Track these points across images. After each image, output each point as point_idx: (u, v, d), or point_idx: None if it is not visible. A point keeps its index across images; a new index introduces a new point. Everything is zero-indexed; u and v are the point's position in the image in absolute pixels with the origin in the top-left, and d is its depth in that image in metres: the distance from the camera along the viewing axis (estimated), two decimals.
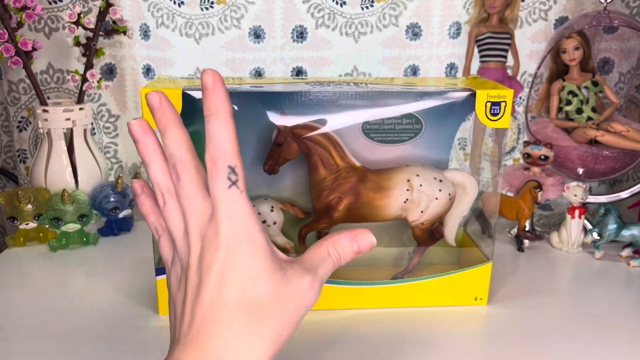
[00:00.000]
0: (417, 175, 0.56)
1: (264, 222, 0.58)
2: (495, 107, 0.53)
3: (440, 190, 0.56)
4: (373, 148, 0.58)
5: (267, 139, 0.56)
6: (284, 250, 0.60)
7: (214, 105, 0.31)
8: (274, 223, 0.58)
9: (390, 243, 0.62)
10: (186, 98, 0.49)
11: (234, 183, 0.31)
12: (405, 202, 0.56)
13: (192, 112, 0.52)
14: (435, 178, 0.57)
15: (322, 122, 0.55)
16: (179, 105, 0.49)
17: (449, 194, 0.57)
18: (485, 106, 0.52)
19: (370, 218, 0.57)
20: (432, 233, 0.60)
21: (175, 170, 0.32)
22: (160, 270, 0.54)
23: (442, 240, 0.60)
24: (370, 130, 0.57)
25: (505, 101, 0.52)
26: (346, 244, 0.35)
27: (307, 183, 0.58)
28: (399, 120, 0.57)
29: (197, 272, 0.31)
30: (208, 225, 0.31)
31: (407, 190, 0.56)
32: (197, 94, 0.50)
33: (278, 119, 0.54)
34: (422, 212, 0.57)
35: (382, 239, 0.62)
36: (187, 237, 0.32)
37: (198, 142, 0.56)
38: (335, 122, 0.55)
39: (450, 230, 0.60)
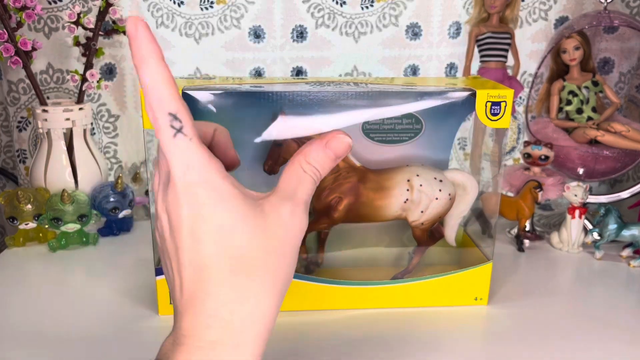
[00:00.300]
0: (417, 175, 0.56)
1: None
2: (496, 107, 0.52)
3: (440, 190, 0.56)
4: (373, 148, 0.58)
5: (267, 139, 0.55)
6: None
7: (140, 53, 0.27)
8: None
9: (390, 243, 0.62)
10: (186, 98, 0.49)
11: (179, 130, 0.27)
12: (405, 202, 0.56)
13: (192, 112, 0.52)
14: (435, 178, 0.57)
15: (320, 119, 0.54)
16: None
17: (449, 194, 0.57)
18: (486, 106, 0.52)
19: (371, 218, 0.57)
20: (432, 233, 0.60)
21: (152, 115, 0.28)
22: (160, 270, 0.54)
23: (442, 240, 0.60)
24: (371, 130, 0.57)
25: (505, 101, 0.52)
26: (319, 154, 0.31)
27: None
28: (399, 120, 0.57)
29: (172, 239, 0.29)
30: (168, 183, 0.28)
31: (407, 190, 0.56)
32: (197, 94, 0.50)
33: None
34: (422, 212, 0.57)
35: (382, 239, 0.62)
36: (156, 203, 0.30)
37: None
38: (335, 122, 0.55)
39: (451, 230, 0.60)
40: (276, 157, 0.55)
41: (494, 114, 0.53)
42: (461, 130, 0.59)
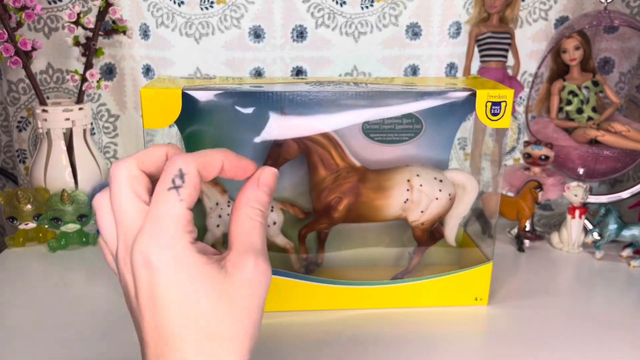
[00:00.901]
0: (418, 176, 0.56)
1: None
2: (496, 107, 0.52)
3: (440, 191, 0.56)
4: (373, 148, 0.58)
5: (267, 139, 0.55)
6: (283, 250, 0.60)
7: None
8: (274, 223, 0.58)
9: (391, 243, 0.62)
10: (186, 98, 0.49)
11: (176, 187, 0.27)
12: (405, 202, 0.56)
13: (192, 112, 0.52)
14: (435, 178, 0.56)
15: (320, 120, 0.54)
16: (178, 106, 0.49)
17: (449, 194, 0.57)
18: (486, 106, 0.52)
19: (371, 218, 0.57)
20: (432, 233, 0.60)
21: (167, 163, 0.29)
22: None
23: (442, 240, 0.60)
24: (370, 130, 0.57)
25: (505, 101, 0.52)
26: (257, 194, 0.31)
27: (307, 183, 0.58)
28: (399, 120, 0.57)
29: (136, 299, 0.28)
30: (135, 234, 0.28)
31: (407, 190, 0.56)
32: (196, 94, 0.50)
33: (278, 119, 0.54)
34: (422, 212, 0.57)
35: (382, 239, 0.62)
36: (118, 253, 0.29)
37: (198, 141, 0.57)
38: (335, 122, 0.55)
39: (451, 231, 0.60)
40: (276, 157, 0.55)
41: (494, 114, 0.53)
42: (461, 130, 0.59)
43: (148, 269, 0.27)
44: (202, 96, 0.51)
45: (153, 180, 0.30)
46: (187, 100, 0.50)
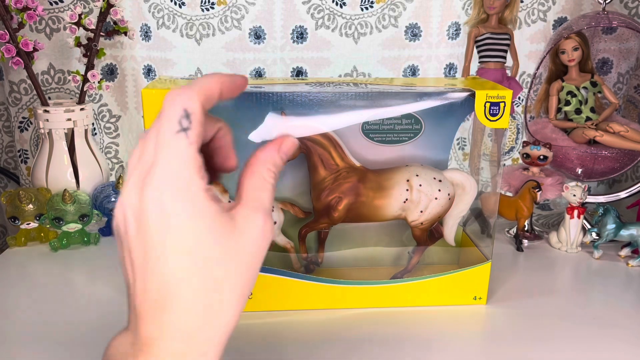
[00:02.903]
0: (417, 175, 0.56)
1: None
2: (495, 108, 0.53)
3: (439, 190, 0.57)
4: (373, 148, 0.58)
5: (267, 139, 0.56)
6: (284, 249, 0.60)
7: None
8: (274, 223, 0.59)
9: (390, 243, 0.63)
10: None
11: (184, 130, 0.26)
12: (404, 202, 0.57)
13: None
14: (434, 178, 0.57)
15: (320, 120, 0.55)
16: None
17: (449, 194, 0.57)
18: (485, 106, 0.53)
19: (370, 218, 0.58)
20: (431, 233, 0.60)
21: (170, 97, 0.28)
22: None
23: (441, 240, 0.61)
24: (370, 130, 0.57)
25: (504, 101, 0.52)
26: (276, 159, 0.32)
27: (307, 183, 0.58)
28: (399, 120, 0.57)
29: (138, 239, 0.27)
30: (146, 176, 0.26)
31: (407, 190, 0.56)
32: None
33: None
34: (421, 212, 0.57)
35: (382, 238, 0.62)
36: (124, 189, 0.28)
37: None
38: (335, 122, 0.55)
39: (450, 230, 0.60)
40: None
41: (493, 115, 0.53)
42: (460, 130, 0.59)
43: (164, 212, 0.26)
44: None
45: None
46: None
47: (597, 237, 0.70)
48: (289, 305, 0.56)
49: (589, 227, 0.74)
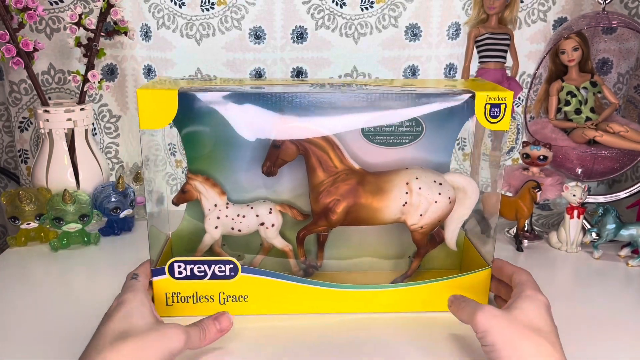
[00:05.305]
0: (417, 179, 0.56)
1: (262, 224, 0.58)
2: (495, 109, 0.52)
3: (440, 194, 0.56)
4: (372, 150, 0.58)
5: (266, 140, 0.56)
6: (282, 253, 0.60)
7: None
8: (272, 225, 0.58)
9: (390, 247, 0.62)
10: (182, 99, 0.49)
11: (134, 278, 0.51)
12: (404, 205, 0.56)
13: (188, 112, 0.52)
14: (434, 181, 0.56)
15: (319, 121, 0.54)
16: (174, 106, 0.49)
17: (449, 198, 0.57)
18: (485, 108, 0.52)
19: (369, 221, 0.57)
20: (432, 237, 0.60)
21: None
22: (156, 271, 0.54)
23: (442, 244, 0.60)
24: (370, 132, 0.57)
25: (505, 103, 0.51)
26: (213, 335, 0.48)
27: (306, 185, 0.58)
28: (399, 122, 0.57)
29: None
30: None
31: (406, 193, 0.56)
32: (194, 95, 0.51)
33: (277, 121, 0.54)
34: (421, 215, 0.56)
35: (382, 242, 0.62)
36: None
37: (194, 141, 0.57)
38: (335, 124, 0.55)
39: (451, 234, 0.59)
40: (274, 159, 0.55)
41: (494, 116, 0.52)
42: (461, 130, 0.59)
43: (116, 320, 0.45)
44: (199, 97, 0.51)
45: None
46: (184, 101, 0.49)
47: (597, 237, 0.70)
48: (286, 309, 0.55)
49: (589, 227, 0.74)
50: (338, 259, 0.62)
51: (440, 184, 0.56)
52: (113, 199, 0.75)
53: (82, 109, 0.77)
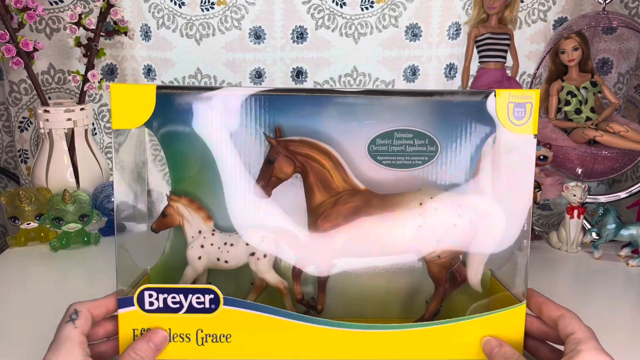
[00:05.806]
0: (431, 198, 0.48)
1: (253, 254, 0.49)
2: (519, 110, 0.45)
3: (459, 216, 0.47)
4: (380, 170, 0.49)
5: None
6: (276, 292, 0.50)
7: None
8: (264, 256, 0.49)
9: (403, 288, 0.52)
10: (160, 97, 0.45)
11: (72, 320, 0.42)
12: (417, 228, 0.47)
13: (165, 111, 0.47)
14: (453, 202, 0.48)
15: (320, 136, 0.47)
16: (152, 104, 0.44)
17: (470, 221, 0.47)
18: (507, 108, 0.44)
19: (377, 251, 0.49)
20: (453, 275, 0.50)
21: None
22: (123, 301, 0.48)
23: (465, 284, 0.50)
24: (378, 152, 0.48)
25: (531, 102, 0.44)
26: (144, 346, 0.43)
27: (304, 207, 0.49)
28: (411, 141, 0.48)
29: None
30: None
31: (420, 215, 0.47)
32: (170, 92, 0.46)
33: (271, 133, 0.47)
34: (438, 241, 0.48)
35: (394, 280, 0.51)
36: None
37: (171, 141, 0.50)
38: (336, 132, 0.48)
39: (475, 272, 0.49)
40: (268, 176, 0.48)
41: (518, 118, 0.45)
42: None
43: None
44: (177, 96, 0.46)
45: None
46: (161, 100, 0.45)
47: (597, 237, 0.70)
48: (278, 354, 0.45)
49: (589, 227, 0.74)
50: (341, 301, 0.52)
51: (460, 205, 0.48)
52: (113, 199, 0.75)
53: (82, 109, 0.77)
